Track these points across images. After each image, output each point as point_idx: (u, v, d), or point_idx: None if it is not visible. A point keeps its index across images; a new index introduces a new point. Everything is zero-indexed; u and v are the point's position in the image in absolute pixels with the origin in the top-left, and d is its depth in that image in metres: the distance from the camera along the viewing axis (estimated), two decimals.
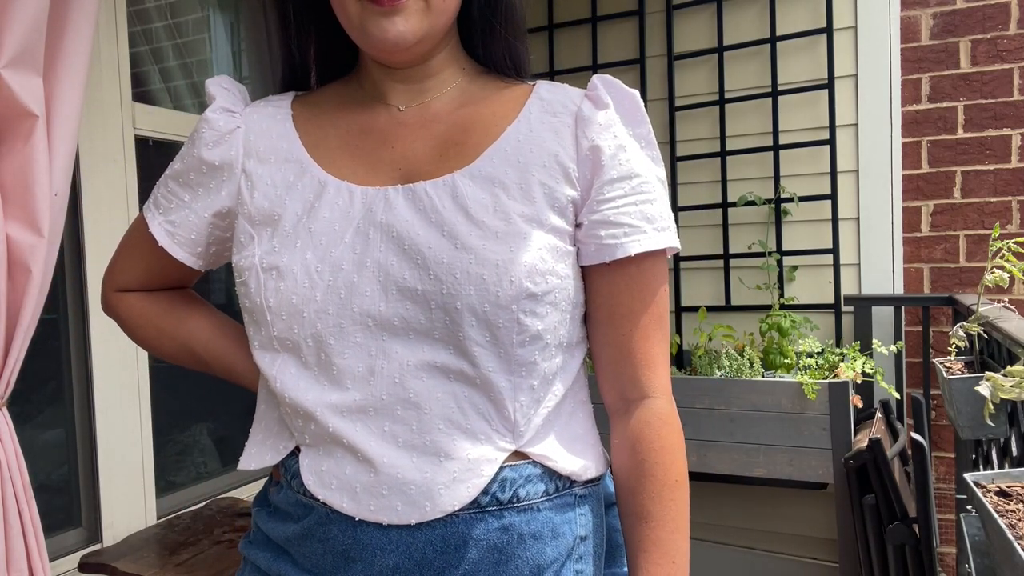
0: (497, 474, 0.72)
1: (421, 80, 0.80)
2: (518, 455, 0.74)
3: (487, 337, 0.70)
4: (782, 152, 2.80)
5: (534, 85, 0.83)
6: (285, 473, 0.79)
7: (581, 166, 0.76)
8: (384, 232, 0.72)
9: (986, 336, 1.85)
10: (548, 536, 0.74)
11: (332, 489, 0.73)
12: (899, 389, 2.66)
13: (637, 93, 0.80)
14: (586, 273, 0.78)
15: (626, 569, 0.80)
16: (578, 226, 0.76)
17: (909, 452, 2.45)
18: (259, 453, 0.80)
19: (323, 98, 0.84)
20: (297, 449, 0.77)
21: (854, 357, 2.49)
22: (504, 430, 0.73)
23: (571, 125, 0.77)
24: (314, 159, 0.78)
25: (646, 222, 0.76)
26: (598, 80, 0.79)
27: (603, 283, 0.77)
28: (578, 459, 0.77)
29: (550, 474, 0.75)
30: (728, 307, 2.91)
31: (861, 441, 2.17)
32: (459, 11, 0.78)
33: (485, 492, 0.72)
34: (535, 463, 0.74)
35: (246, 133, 0.80)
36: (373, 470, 0.71)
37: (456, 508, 0.70)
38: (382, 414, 0.71)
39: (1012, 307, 1.80)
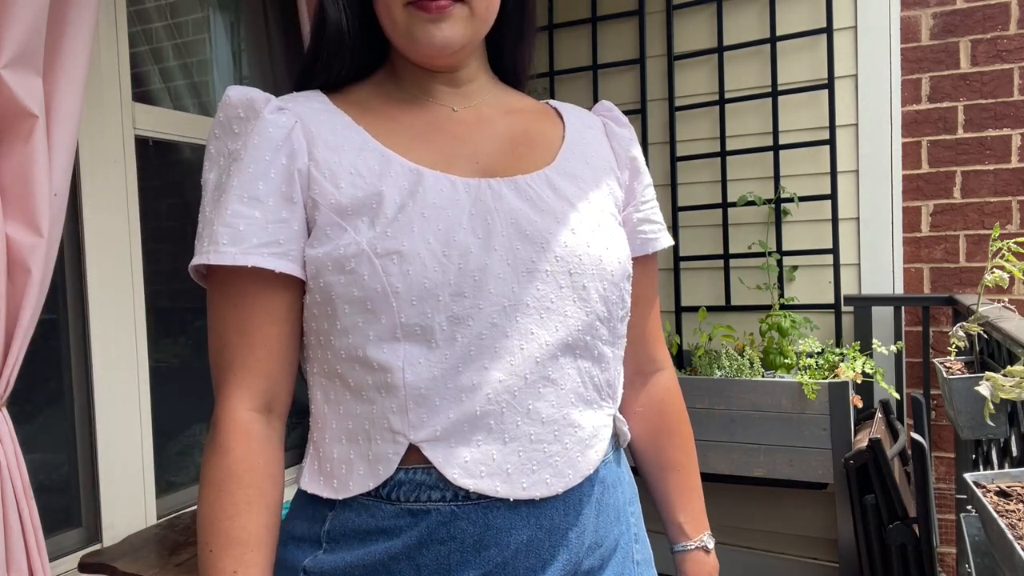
0: None
1: (465, 84, 0.84)
2: None
3: (605, 313, 0.78)
4: (782, 152, 2.80)
5: (546, 102, 0.93)
6: (380, 488, 0.73)
7: (623, 171, 0.89)
8: (502, 219, 0.75)
9: (986, 336, 1.85)
10: (618, 483, 0.84)
11: (482, 476, 0.72)
12: (899, 389, 2.66)
13: None
14: None
15: None
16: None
17: (909, 452, 2.45)
18: (370, 471, 0.73)
19: (362, 96, 0.82)
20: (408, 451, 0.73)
21: (854, 357, 2.48)
22: (608, 397, 0.82)
23: (604, 138, 0.89)
24: (391, 149, 0.77)
25: (663, 222, 0.93)
26: (609, 104, 0.94)
27: (634, 272, 0.88)
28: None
29: (615, 432, 0.85)
30: (728, 307, 2.91)
31: (861, 441, 2.17)
32: None
33: None
34: (613, 423, 0.84)
35: (304, 125, 0.76)
36: (523, 448, 0.73)
37: (590, 472, 0.77)
38: (526, 392, 0.73)
39: (1012, 307, 1.80)
